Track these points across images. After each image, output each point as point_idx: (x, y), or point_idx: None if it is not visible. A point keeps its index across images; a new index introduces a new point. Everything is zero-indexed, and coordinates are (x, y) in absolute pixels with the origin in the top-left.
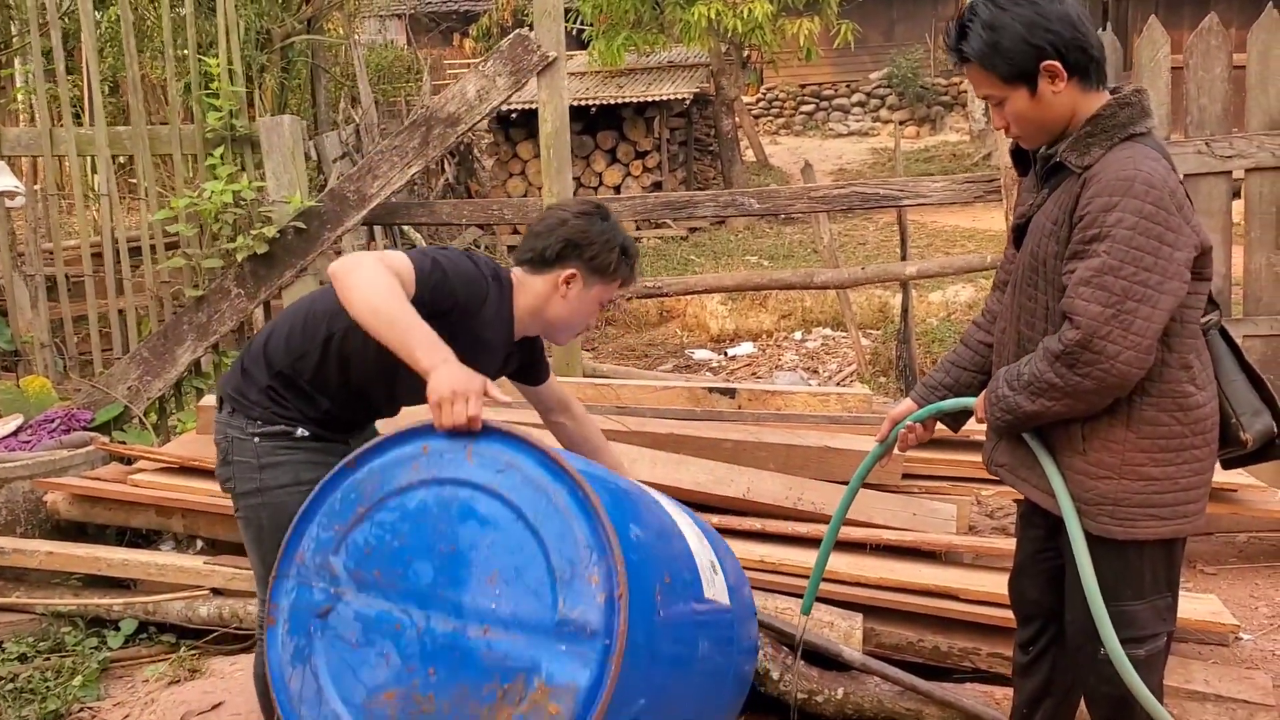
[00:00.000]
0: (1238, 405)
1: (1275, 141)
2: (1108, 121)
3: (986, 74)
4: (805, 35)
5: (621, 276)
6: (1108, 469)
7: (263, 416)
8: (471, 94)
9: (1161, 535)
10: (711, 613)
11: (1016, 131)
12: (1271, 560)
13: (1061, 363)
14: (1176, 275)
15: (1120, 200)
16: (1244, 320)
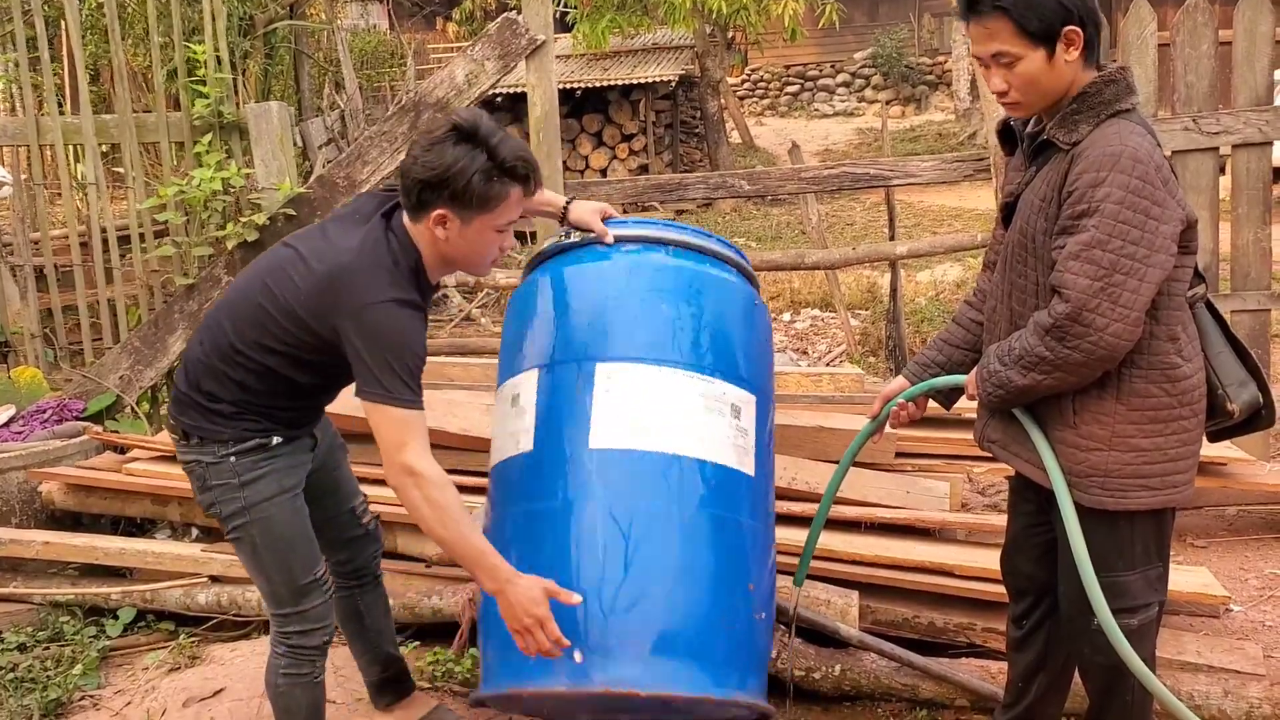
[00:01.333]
0: (1224, 377)
1: (1262, 118)
2: (1094, 99)
3: (1015, 27)
4: (790, 16)
5: (502, 197)
6: (1098, 441)
7: (234, 437)
8: (460, 78)
9: (1152, 505)
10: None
11: (1017, 96)
12: (1260, 533)
13: (1051, 336)
14: (1163, 249)
15: (1108, 175)
16: (1231, 295)
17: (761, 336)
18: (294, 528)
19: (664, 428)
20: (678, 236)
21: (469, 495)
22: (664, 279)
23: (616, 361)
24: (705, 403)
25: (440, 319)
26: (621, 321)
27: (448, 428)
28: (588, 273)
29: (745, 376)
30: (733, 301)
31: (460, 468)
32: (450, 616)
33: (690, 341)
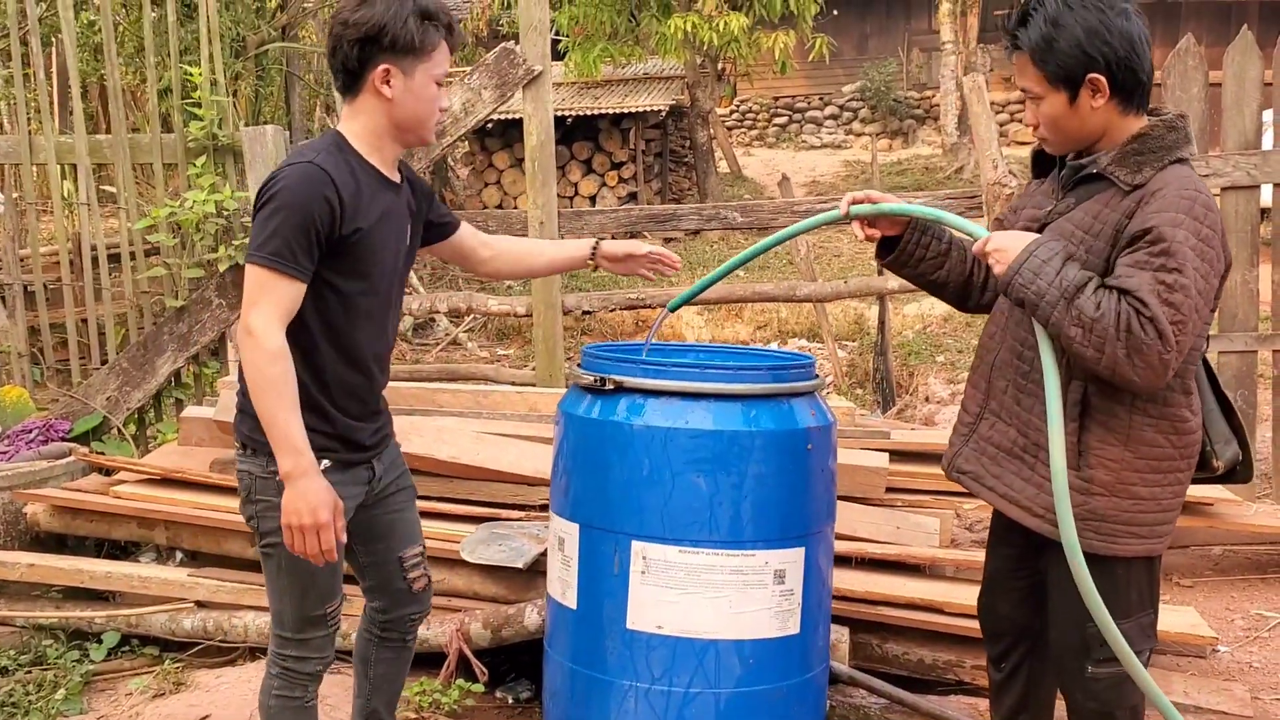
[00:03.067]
0: (1213, 433)
1: (1250, 161)
2: (1156, 143)
3: (1035, 68)
4: (780, 49)
5: (434, 43)
6: (1102, 486)
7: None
8: (457, 106)
9: (1138, 553)
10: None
11: (1044, 133)
12: (1246, 573)
13: (1132, 344)
14: (1210, 300)
15: (1185, 220)
16: (1219, 337)
17: (815, 471)
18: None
19: (699, 614)
20: (721, 388)
21: (459, 524)
22: (701, 449)
23: (652, 542)
24: (743, 578)
25: (427, 343)
26: (656, 498)
27: (437, 454)
28: (624, 435)
29: (792, 533)
30: (780, 453)
31: (448, 495)
32: (438, 647)
33: (729, 517)
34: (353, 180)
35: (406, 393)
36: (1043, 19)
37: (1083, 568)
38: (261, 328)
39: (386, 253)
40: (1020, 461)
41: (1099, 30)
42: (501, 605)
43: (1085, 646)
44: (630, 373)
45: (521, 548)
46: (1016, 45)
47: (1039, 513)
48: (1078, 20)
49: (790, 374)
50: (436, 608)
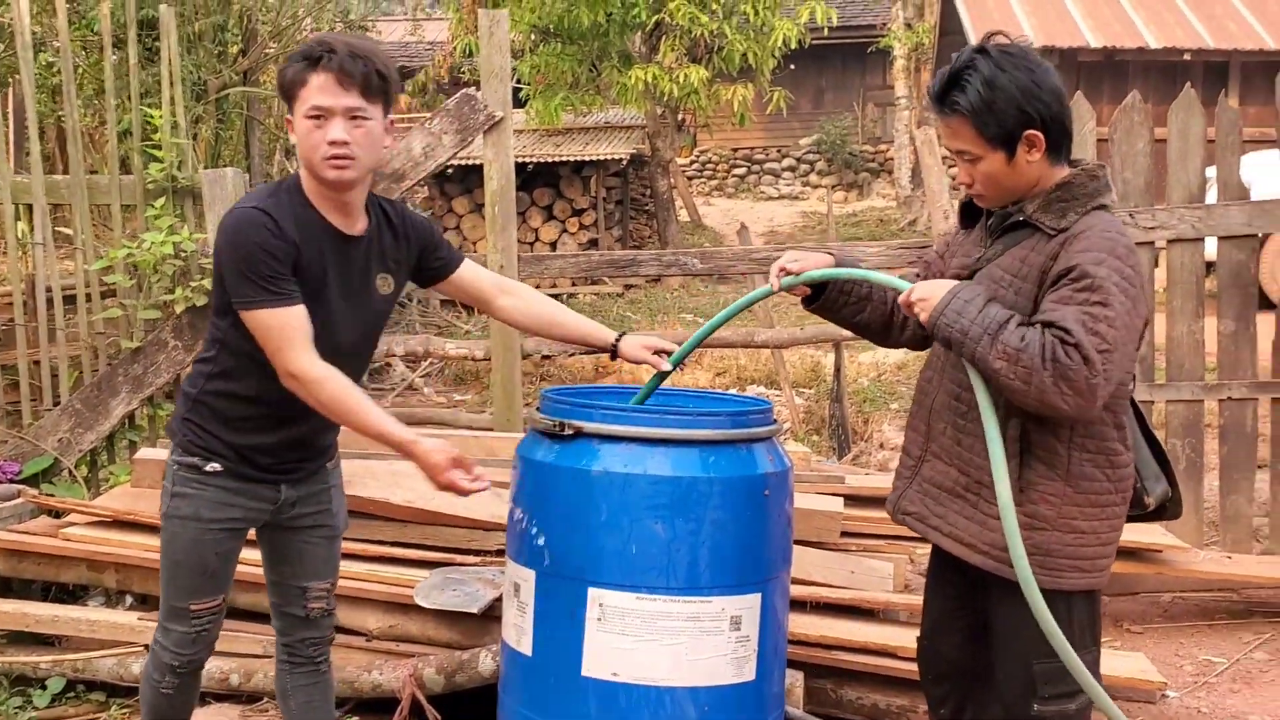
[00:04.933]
0: (1144, 470)
1: (1195, 214)
2: (1079, 190)
3: (973, 130)
4: (739, 101)
5: (302, 80)
6: (1044, 521)
7: (182, 445)
8: (417, 150)
9: (1080, 587)
10: None
11: (980, 190)
12: (1195, 619)
13: (1058, 371)
14: (1135, 340)
15: (1107, 259)
16: (1167, 385)
17: (773, 517)
18: (189, 556)
19: (655, 662)
20: (679, 433)
21: (413, 569)
22: (660, 494)
23: (608, 589)
24: (699, 625)
25: (383, 387)
26: (614, 544)
27: (392, 499)
28: (582, 481)
29: (749, 580)
30: (738, 499)
31: (403, 539)
32: (390, 692)
33: (687, 564)
34: (291, 221)
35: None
36: (979, 82)
37: (1039, 601)
38: (302, 368)
39: (324, 300)
40: (963, 500)
41: (1032, 89)
42: (456, 650)
43: (1031, 685)
44: (589, 418)
45: (476, 593)
46: (954, 109)
47: (983, 549)
48: (1012, 80)
49: (749, 419)
50: (387, 653)
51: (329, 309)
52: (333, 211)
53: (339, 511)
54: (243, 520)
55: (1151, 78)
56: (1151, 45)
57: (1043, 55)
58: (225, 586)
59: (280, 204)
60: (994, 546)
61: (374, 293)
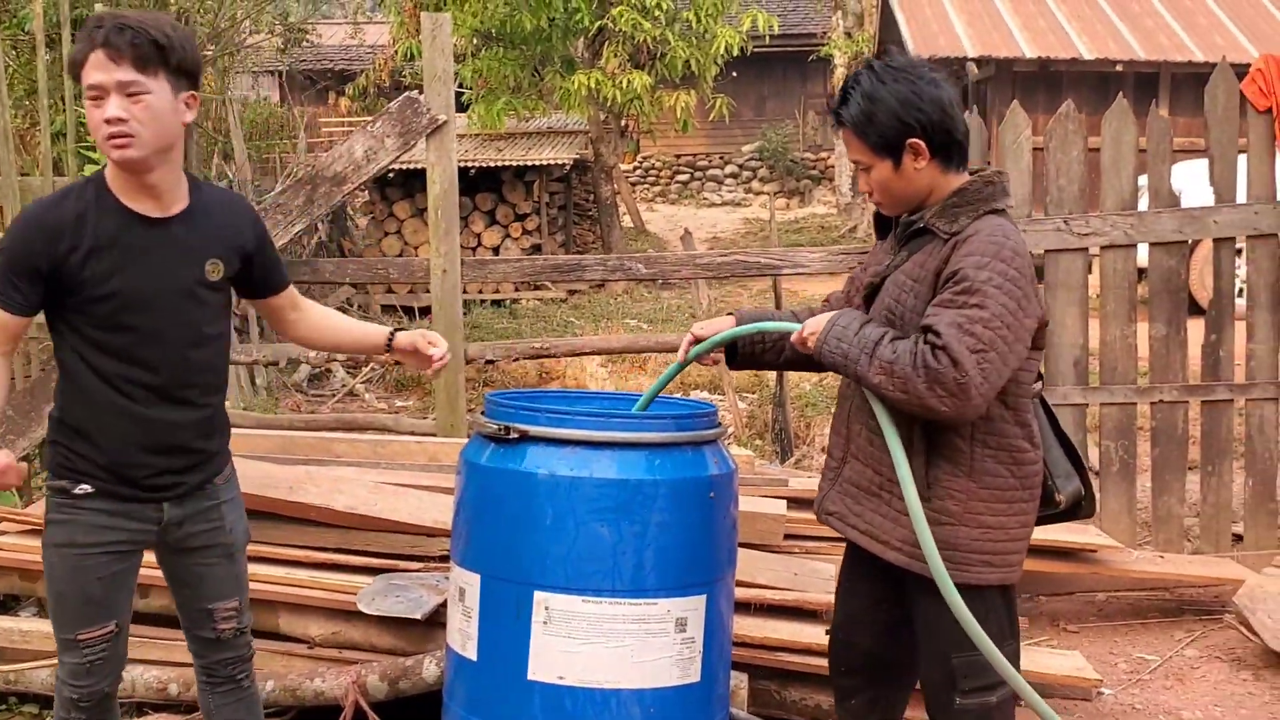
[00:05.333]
0: (1054, 469)
1: (1127, 221)
2: (973, 195)
3: (859, 140)
4: (682, 108)
5: (79, 62)
6: (951, 516)
7: (51, 468)
8: (359, 154)
9: (991, 581)
10: None
11: (878, 198)
12: (1129, 618)
13: (928, 375)
14: (1023, 339)
15: (990, 262)
16: (1100, 389)
17: (718, 519)
18: (69, 585)
19: (601, 664)
20: (625, 436)
21: (356, 575)
22: (606, 498)
23: (554, 592)
24: (645, 627)
25: (323, 394)
26: (560, 547)
27: (333, 505)
28: (527, 484)
29: (695, 581)
30: (684, 501)
31: (345, 546)
32: (333, 700)
33: (632, 566)
34: (84, 214)
35: (302, 442)
36: (860, 95)
37: (954, 594)
38: None
39: (132, 288)
40: (878, 499)
41: (911, 99)
42: (399, 657)
43: (952, 678)
44: (534, 421)
45: (420, 599)
46: (841, 122)
47: (898, 546)
48: (891, 93)
49: (694, 422)
50: (330, 660)
51: (141, 296)
52: (136, 196)
53: (235, 527)
54: (127, 543)
55: (1085, 88)
56: (1085, 56)
57: (980, 65)
58: (117, 613)
59: (74, 198)
60: (907, 543)
61: (200, 278)
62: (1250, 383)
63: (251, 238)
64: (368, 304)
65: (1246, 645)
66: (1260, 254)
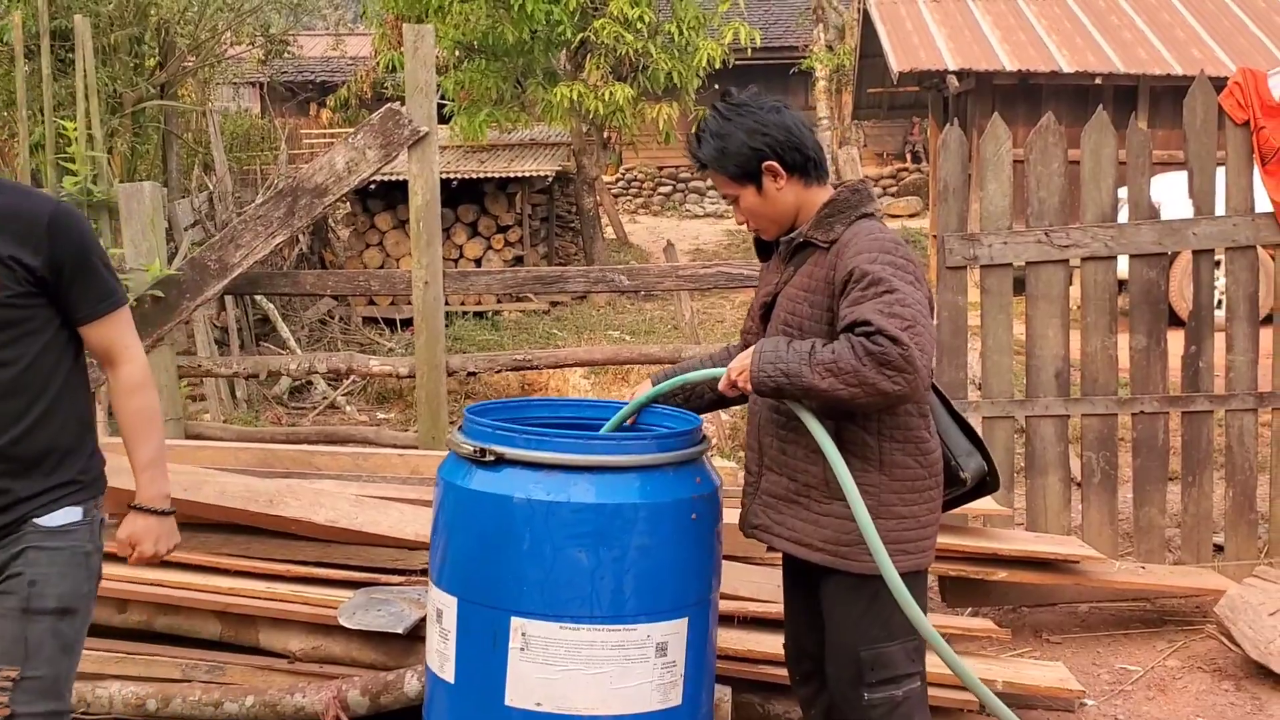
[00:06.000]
0: (954, 449)
1: (1107, 233)
2: (843, 204)
3: (720, 174)
4: (664, 120)
5: None
6: (868, 511)
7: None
8: (340, 165)
9: (907, 569)
10: None
11: (754, 225)
12: (1111, 629)
13: (874, 360)
14: (928, 316)
15: (879, 255)
16: (1082, 400)
17: (700, 540)
18: None
19: (579, 691)
20: (603, 459)
21: (337, 589)
22: (584, 523)
23: (531, 619)
24: (624, 653)
25: (304, 406)
26: (536, 573)
27: (314, 518)
28: (504, 508)
29: (676, 604)
30: (664, 524)
31: (326, 559)
32: (314, 715)
33: (611, 591)
34: None
35: (284, 455)
36: (710, 135)
37: (899, 583)
38: None
39: None
40: (797, 505)
41: (755, 127)
42: (380, 672)
43: (859, 673)
44: (512, 443)
45: (401, 613)
46: (701, 164)
47: (820, 546)
48: (737, 125)
49: (675, 442)
50: (311, 675)
51: None
52: None
53: (43, 579)
54: None
55: (1064, 101)
56: (1064, 69)
57: (960, 78)
58: None
59: None
60: (828, 542)
61: None
62: (1230, 394)
63: (45, 241)
64: (349, 315)
65: (1228, 655)
66: (1239, 266)
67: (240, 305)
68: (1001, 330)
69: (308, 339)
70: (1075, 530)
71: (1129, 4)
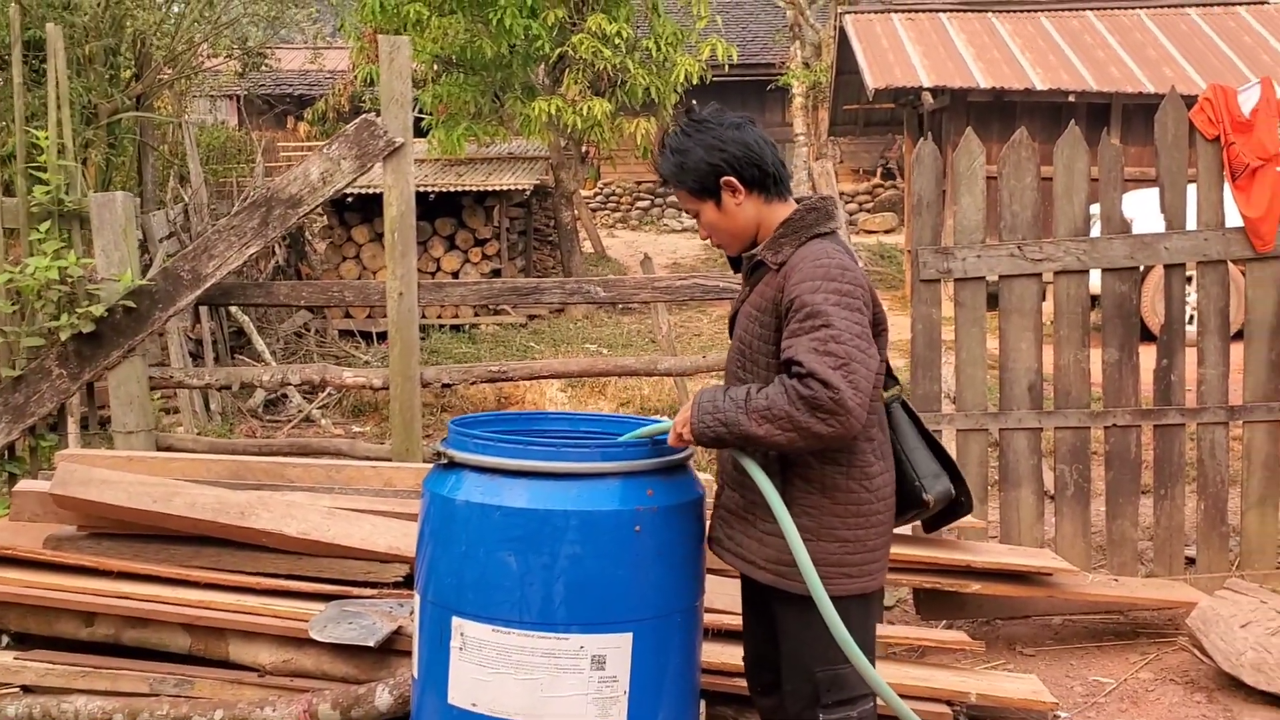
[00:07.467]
0: (920, 470)
1: (1080, 247)
2: (797, 224)
3: (681, 189)
4: (642, 134)
5: None
6: (808, 532)
7: None
8: (315, 176)
9: (852, 591)
10: None
11: (716, 240)
12: (1084, 641)
13: (806, 404)
14: (874, 344)
15: (821, 284)
16: (1055, 413)
17: (649, 554)
18: None
19: (509, 696)
20: (538, 465)
21: (308, 602)
22: (513, 527)
23: (468, 619)
24: (555, 662)
25: (279, 419)
26: (472, 574)
27: (285, 530)
28: (450, 511)
29: (616, 618)
30: (599, 534)
31: (298, 572)
32: None
33: (540, 597)
34: None
35: (256, 467)
36: (670, 151)
37: (829, 607)
38: None
39: None
40: (746, 521)
41: (714, 145)
42: (352, 685)
43: (815, 692)
44: (462, 447)
45: (373, 625)
46: (663, 180)
47: (764, 565)
48: (696, 142)
49: (624, 452)
50: (281, 688)
51: None
52: None
53: None
54: None
55: (1038, 118)
56: (1038, 86)
57: (935, 95)
58: None
59: None
60: (771, 561)
61: None
62: (1201, 407)
63: None
64: (325, 328)
65: (1200, 667)
66: (1210, 280)
67: (215, 317)
68: (975, 343)
69: (283, 352)
70: (1049, 543)
71: (1102, 23)
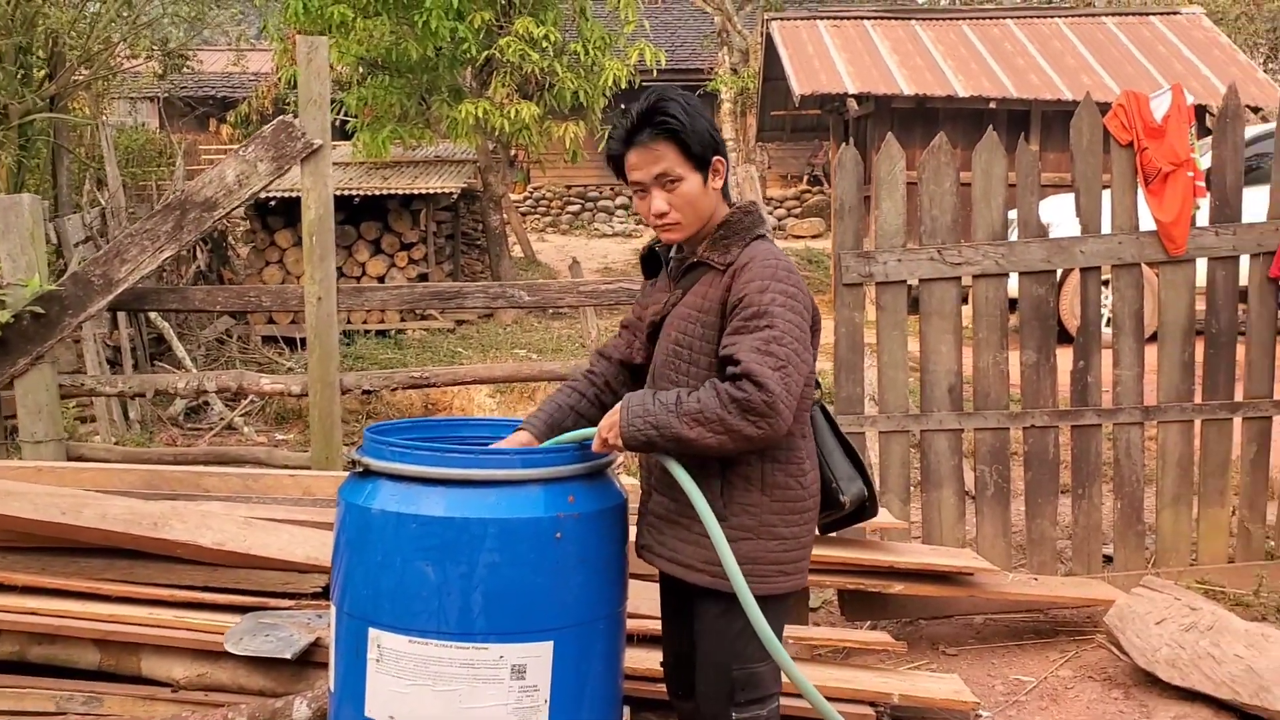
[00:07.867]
0: (837, 472)
1: (998, 251)
2: (738, 226)
3: (678, 150)
4: (571, 139)
5: None
6: (748, 531)
7: None
8: (231, 178)
9: (786, 589)
10: None
11: (677, 217)
12: (1005, 640)
13: (738, 406)
14: (810, 348)
15: (770, 284)
16: (974, 415)
17: (569, 562)
18: None
19: (428, 708)
20: (454, 473)
21: (224, 614)
22: (430, 536)
23: (385, 630)
24: (474, 672)
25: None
26: (388, 584)
27: (200, 541)
28: (365, 520)
29: (536, 627)
30: (518, 542)
31: (213, 584)
32: None
33: (459, 608)
34: None
35: (170, 477)
36: (679, 108)
37: (756, 610)
38: None
39: None
40: (678, 526)
41: (710, 126)
42: (269, 699)
43: (731, 692)
44: (378, 455)
45: (290, 637)
46: (663, 127)
47: (700, 568)
48: (701, 115)
49: (544, 459)
50: (195, 704)
51: None
52: None
53: None
54: None
55: (960, 124)
56: (960, 94)
57: (860, 102)
58: None
59: None
60: (708, 563)
61: None
62: (1117, 408)
63: None
64: (249, 334)
65: (1117, 664)
66: (1124, 283)
67: (135, 324)
68: (897, 346)
69: (205, 358)
70: (970, 543)
71: (1022, 31)
